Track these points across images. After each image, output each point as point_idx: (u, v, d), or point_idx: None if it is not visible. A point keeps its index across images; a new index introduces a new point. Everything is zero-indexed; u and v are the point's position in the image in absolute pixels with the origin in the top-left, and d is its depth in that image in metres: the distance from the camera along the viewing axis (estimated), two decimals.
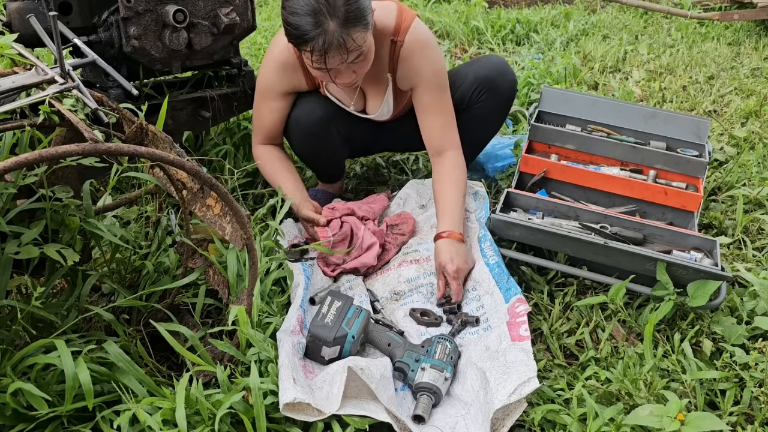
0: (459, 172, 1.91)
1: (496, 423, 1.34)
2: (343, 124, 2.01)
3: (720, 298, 1.61)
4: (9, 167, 0.96)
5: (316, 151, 2.03)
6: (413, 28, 1.83)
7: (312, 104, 1.94)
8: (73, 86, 1.18)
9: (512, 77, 2.03)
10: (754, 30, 4.01)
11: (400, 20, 1.83)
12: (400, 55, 1.84)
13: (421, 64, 1.86)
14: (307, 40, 1.58)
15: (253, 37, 3.84)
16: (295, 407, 1.26)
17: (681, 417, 1.23)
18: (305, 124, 1.94)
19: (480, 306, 1.68)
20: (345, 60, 1.62)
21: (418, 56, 1.85)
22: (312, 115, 1.93)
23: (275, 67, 1.89)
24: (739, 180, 2.30)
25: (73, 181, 1.45)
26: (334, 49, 1.58)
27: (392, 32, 1.82)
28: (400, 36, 1.82)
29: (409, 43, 1.83)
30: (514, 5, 4.90)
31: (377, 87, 1.94)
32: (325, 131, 1.97)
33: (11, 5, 1.75)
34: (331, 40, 1.56)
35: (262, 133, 2.00)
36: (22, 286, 1.38)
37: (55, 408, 1.18)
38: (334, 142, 2.02)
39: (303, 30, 1.57)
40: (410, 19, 1.84)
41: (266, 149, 2.01)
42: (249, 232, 1.30)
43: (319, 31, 1.56)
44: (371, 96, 1.97)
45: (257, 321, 1.43)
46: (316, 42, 1.57)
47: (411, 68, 1.87)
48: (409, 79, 1.89)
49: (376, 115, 2.00)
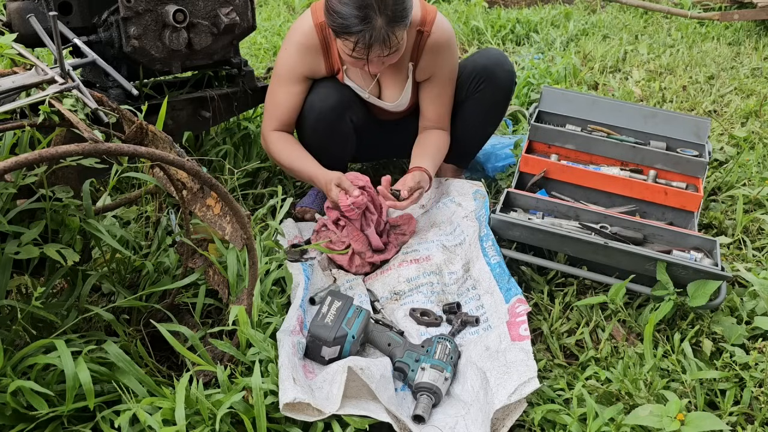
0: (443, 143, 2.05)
1: (496, 423, 1.34)
2: (357, 113, 2.03)
3: (720, 298, 1.61)
4: (9, 167, 0.96)
5: (326, 139, 2.00)
6: (439, 21, 1.91)
7: (328, 90, 1.95)
8: (73, 86, 1.18)
9: (510, 68, 2.05)
10: (754, 30, 4.01)
11: (425, 12, 1.90)
12: (426, 45, 1.91)
13: (445, 59, 1.95)
14: (354, 32, 1.63)
15: (253, 37, 3.84)
16: (295, 407, 1.26)
17: (681, 417, 1.23)
18: (320, 108, 1.94)
19: (480, 306, 1.68)
20: (384, 54, 1.69)
21: (444, 52, 1.94)
22: (327, 101, 1.94)
23: (298, 49, 1.91)
24: (739, 180, 2.30)
25: (73, 181, 1.45)
26: (378, 44, 1.65)
27: (419, 23, 1.89)
28: (427, 27, 1.89)
29: (436, 35, 1.90)
30: (514, 5, 4.89)
31: (396, 76, 1.98)
32: (339, 118, 1.97)
33: (11, 5, 1.75)
34: (377, 36, 1.63)
35: (277, 119, 1.99)
36: (22, 286, 1.38)
37: (55, 408, 1.18)
38: (345, 132, 2.01)
39: (351, 21, 1.62)
40: (434, 12, 1.91)
41: (280, 134, 2.00)
42: (249, 232, 1.30)
43: (367, 26, 1.62)
44: (387, 85, 2.01)
45: (257, 321, 1.43)
46: (362, 36, 1.63)
47: (434, 61, 1.94)
48: (429, 71, 1.96)
49: (394, 105, 2.03)
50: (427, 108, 2.04)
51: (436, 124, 2.06)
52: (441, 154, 2.05)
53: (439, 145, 2.05)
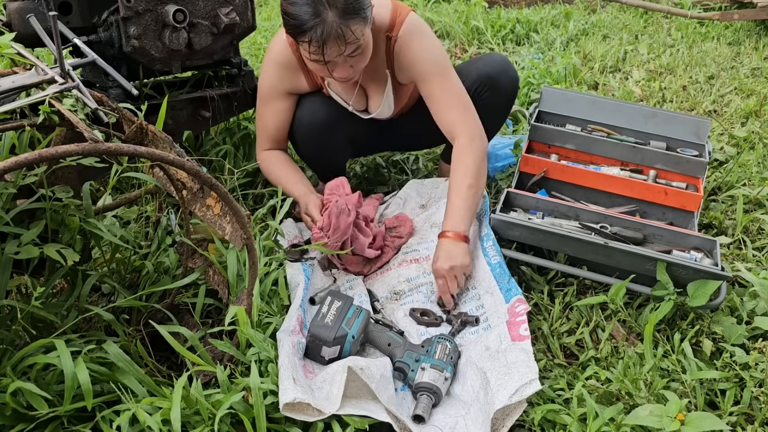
0: (465, 158, 1.81)
1: (496, 423, 1.34)
2: (347, 124, 2.00)
3: (720, 298, 1.61)
4: (9, 167, 0.96)
5: (319, 152, 2.02)
6: (407, 22, 1.82)
7: (315, 105, 1.93)
8: (73, 86, 1.18)
9: (514, 75, 2.03)
10: (754, 30, 4.01)
11: (395, 15, 1.82)
12: (395, 49, 1.84)
13: (416, 54, 1.84)
14: (305, 30, 1.57)
15: (253, 37, 3.84)
16: (295, 407, 1.26)
17: (681, 417, 1.23)
18: (309, 125, 1.93)
19: (480, 305, 1.68)
20: (342, 52, 1.61)
21: (412, 47, 1.83)
22: (316, 116, 1.93)
23: (275, 66, 1.89)
24: (739, 180, 2.30)
25: (73, 181, 1.45)
26: (332, 40, 1.57)
27: (387, 28, 1.82)
28: (395, 31, 1.82)
29: (402, 36, 1.82)
30: (514, 5, 4.89)
31: (378, 85, 1.94)
32: (330, 132, 1.96)
33: (11, 5, 1.75)
34: (329, 30, 1.56)
35: (267, 138, 1.99)
36: (22, 286, 1.38)
37: (55, 408, 1.18)
38: (338, 143, 2.01)
39: (301, 19, 1.56)
40: (405, 14, 1.83)
41: (270, 154, 2.00)
42: (249, 232, 1.30)
43: (318, 21, 1.55)
44: (372, 94, 1.98)
45: (257, 321, 1.43)
46: (314, 32, 1.56)
47: (406, 60, 1.85)
48: (407, 71, 1.88)
49: (377, 113, 2.00)
50: (435, 114, 1.89)
51: (452, 131, 1.86)
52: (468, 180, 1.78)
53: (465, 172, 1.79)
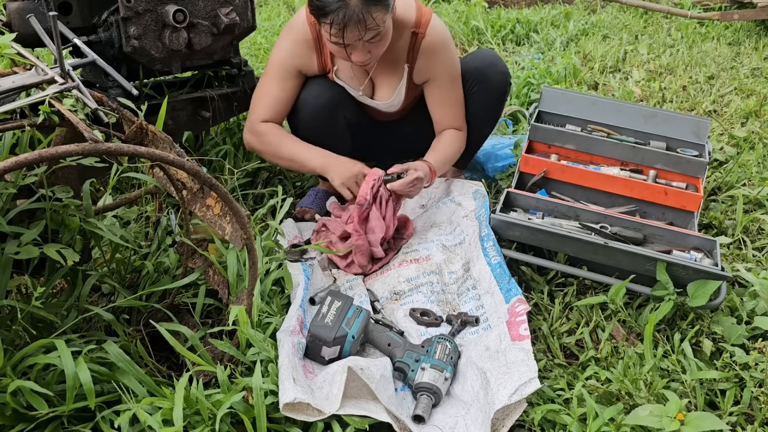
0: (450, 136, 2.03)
1: (496, 423, 1.34)
2: (350, 111, 2.02)
3: (720, 298, 1.61)
4: (9, 167, 0.96)
5: (320, 138, 1.99)
6: (434, 23, 1.91)
7: (321, 87, 1.95)
8: (73, 86, 1.18)
9: (503, 68, 2.05)
10: (754, 30, 4.01)
11: (420, 14, 1.90)
12: (421, 47, 1.91)
13: (442, 61, 1.94)
14: (328, 12, 1.63)
15: (253, 37, 3.84)
16: (295, 407, 1.26)
17: (681, 417, 1.23)
18: (312, 106, 1.94)
19: (480, 306, 1.68)
20: (362, 37, 1.67)
21: (440, 54, 1.93)
22: (320, 99, 1.94)
23: (292, 42, 1.92)
24: (739, 180, 2.30)
25: (73, 181, 1.45)
26: (353, 24, 1.63)
27: (413, 24, 1.89)
28: (422, 29, 1.89)
29: (431, 37, 1.90)
30: (514, 5, 4.89)
31: (391, 76, 1.98)
32: (332, 116, 1.96)
33: (11, 5, 1.75)
34: (351, 14, 1.61)
35: (269, 109, 1.95)
36: (22, 286, 1.38)
37: (55, 408, 1.18)
38: (339, 130, 2.01)
39: (325, 2, 1.62)
40: (429, 14, 1.92)
41: (273, 125, 1.97)
42: (249, 232, 1.30)
43: (341, 5, 1.61)
44: (381, 84, 2.00)
45: (257, 321, 1.43)
46: (336, 15, 1.62)
47: (431, 64, 1.94)
48: (426, 73, 1.96)
49: (386, 104, 2.02)
50: (434, 112, 2.04)
51: (447, 126, 2.05)
52: (450, 149, 2.03)
53: (446, 141, 2.04)
